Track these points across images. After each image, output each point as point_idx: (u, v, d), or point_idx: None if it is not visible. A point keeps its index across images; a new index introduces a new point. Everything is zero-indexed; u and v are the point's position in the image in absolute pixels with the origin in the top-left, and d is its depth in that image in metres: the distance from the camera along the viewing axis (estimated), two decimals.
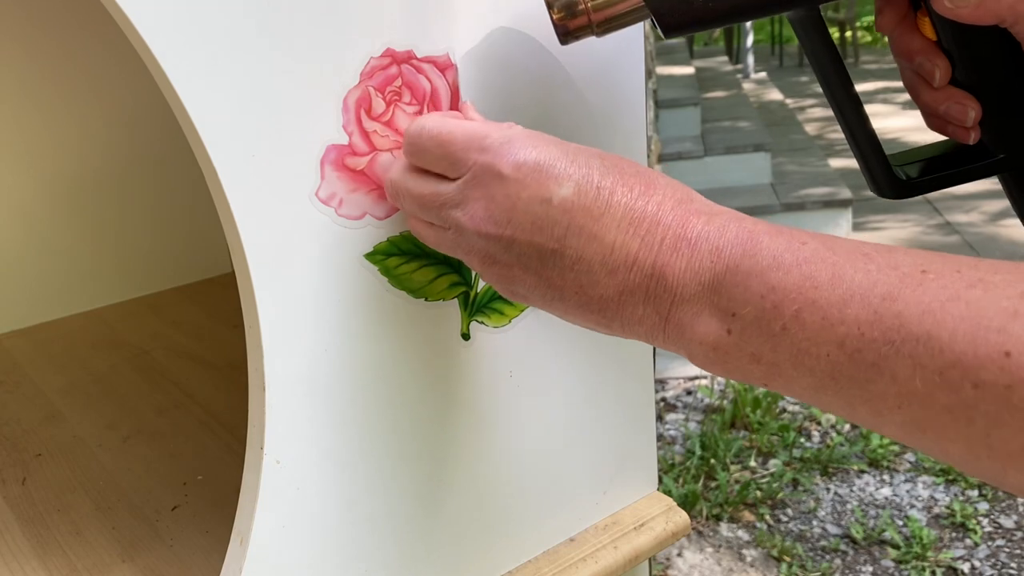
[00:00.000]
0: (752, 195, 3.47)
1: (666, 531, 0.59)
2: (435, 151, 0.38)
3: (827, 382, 0.30)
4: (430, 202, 0.39)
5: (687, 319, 0.33)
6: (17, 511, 0.60)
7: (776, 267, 0.31)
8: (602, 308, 0.36)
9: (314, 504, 0.44)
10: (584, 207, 0.35)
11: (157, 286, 1.02)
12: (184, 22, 0.35)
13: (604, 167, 0.36)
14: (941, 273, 0.28)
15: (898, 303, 0.28)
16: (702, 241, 0.33)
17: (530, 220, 0.35)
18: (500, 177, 0.36)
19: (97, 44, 0.91)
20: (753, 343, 0.31)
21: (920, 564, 1.59)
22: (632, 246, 0.34)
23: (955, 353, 0.26)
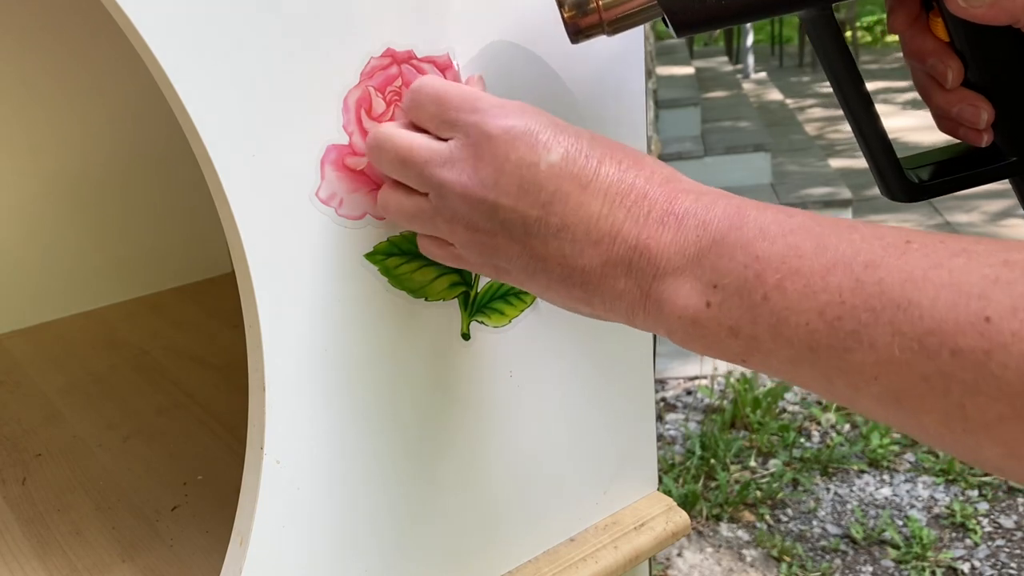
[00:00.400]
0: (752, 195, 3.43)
1: (666, 531, 0.59)
2: (429, 107, 0.38)
3: (805, 353, 0.29)
4: (416, 156, 0.38)
5: (668, 292, 0.33)
6: (17, 511, 0.60)
7: (762, 237, 0.31)
8: (584, 280, 0.35)
9: (314, 504, 0.44)
10: (572, 174, 0.34)
11: (157, 286, 1.02)
12: (184, 22, 0.35)
13: (593, 140, 0.36)
14: (925, 244, 0.28)
15: (880, 270, 0.28)
16: (689, 216, 0.33)
17: (516, 184, 0.35)
18: (489, 138, 0.35)
19: (97, 44, 0.91)
20: (733, 315, 0.31)
21: (920, 564, 1.59)
22: (618, 216, 0.34)
23: (935, 320, 0.26)
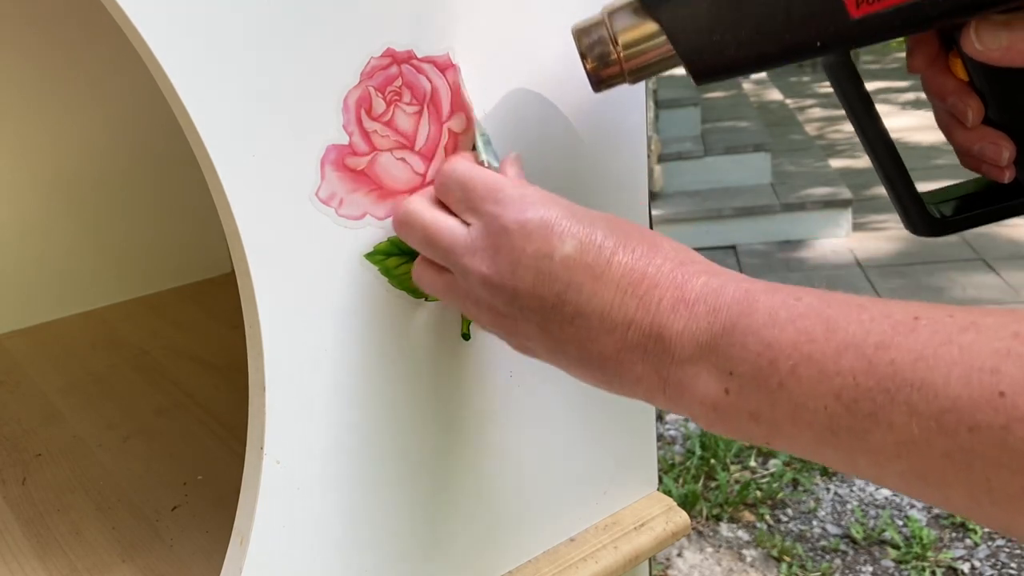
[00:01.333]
0: (752, 195, 3.47)
1: (666, 531, 0.59)
2: (456, 192, 0.40)
3: (826, 436, 0.30)
4: (440, 241, 0.39)
5: (687, 379, 0.34)
6: (17, 511, 0.60)
7: (772, 324, 0.31)
8: (601, 365, 0.36)
9: (314, 504, 0.44)
10: (585, 264, 0.35)
11: (157, 286, 1.02)
12: (184, 22, 0.35)
13: (609, 228, 0.36)
14: (933, 319, 0.28)
15: (891, 350, 0.28)
16: (700, 303, 0.34)
17: (532, 274, 0.36)
18: (506, 231, 0.37)
19: (97, 44, 0.91)
20: (751, 401, 0.31)
21: (920, 564, 1.59)
22: (630, 306, 0.35)
23: (950, 398, 0.26)
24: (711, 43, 0.38)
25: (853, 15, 0.36)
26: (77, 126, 0.93)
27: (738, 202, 3.38)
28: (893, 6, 0.35)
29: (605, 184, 0.52)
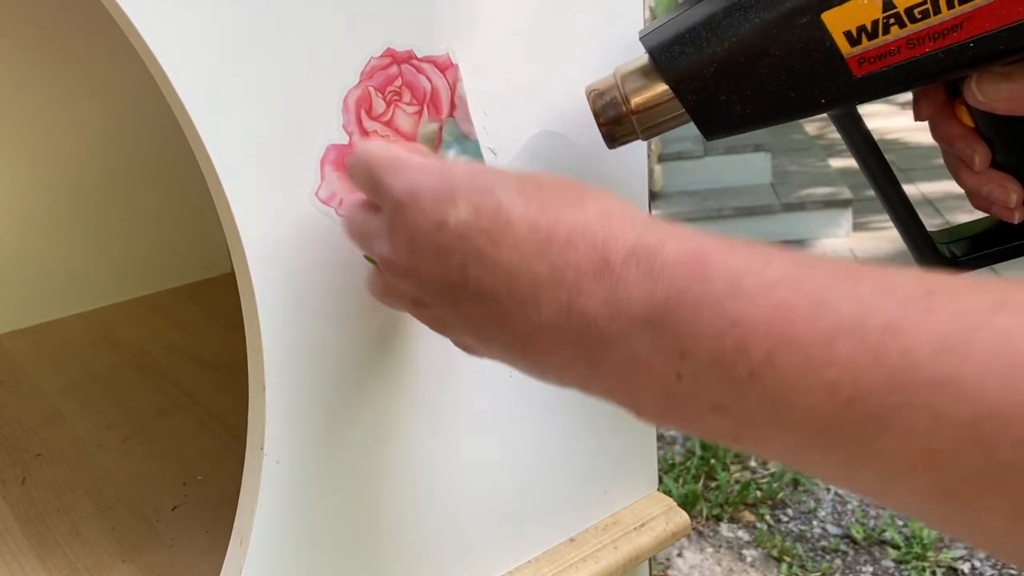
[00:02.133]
0: (752, 195, 3.47)
1: (666, 531, 0.59)
2: (362, 173, 0.35)
3: (815, 438, 0.23)
4: (352, 233, 0.37)
5: (623, 361, 0.27)
6: (17, 511, 0.60)
7: (735, 295, 0.25)
8: (523, 348, 0.31)
9: (314, 504, 0.44)
10: (482, 229, 0.30)
11: (157, 286, 1.02)
12: (184, 22, 0.35)
13: (520, 187, 0.30)
14: (952, 294, 0.22)
15: (903, 337, 0.22)
16: (631, 263, 0.27)
17: (431, 249, 0.31)
18: (400, 205, 0.32)
19: (96, 44, 0.91)
20: (713, 391, 0.25)
21: (920, 564, 1.59)
22: (540, 272, 0.29)
23: (988, 403, 0.20)
24: (719, 103, 0.39)
25: (856, 74, 0.37)
26: (77, 126, 0.93)
27: (738, 202, 3.37)
28: (895, 64, 0.36)
29: (605, 184, 0.52)
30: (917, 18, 0.34)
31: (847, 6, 0.35)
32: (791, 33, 0.36)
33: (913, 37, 0.35)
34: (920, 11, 0.34)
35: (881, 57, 0.36)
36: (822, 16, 0.36)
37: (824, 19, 0.36)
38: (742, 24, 0.37)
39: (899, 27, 0.35)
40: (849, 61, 0.36)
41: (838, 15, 0.35)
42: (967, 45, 0.34)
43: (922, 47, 0.35)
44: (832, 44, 0.36)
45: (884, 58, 0.36)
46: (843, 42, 0.36)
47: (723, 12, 0.38)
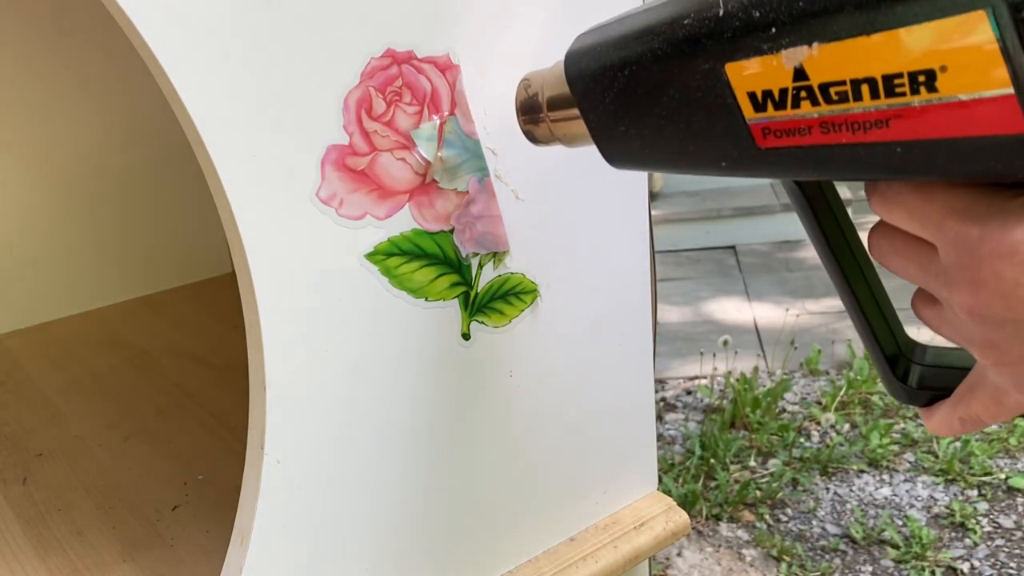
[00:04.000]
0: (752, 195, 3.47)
1: (666, 531, 0.59)
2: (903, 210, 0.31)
3: None
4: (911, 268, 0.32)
5: None
6: (17, 511, 0.61)
7: None
8: None
9: (314, 504, 0.44)
10: None
11: (157, 286, 1.02)
12: (185, 22, 0.35)
13: None
14: None
15: None
16: None
17: None
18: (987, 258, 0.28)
19: (97, 44, 0.91)
20: None
21: (920, 564, 1.59)
22: None
23: None
24: (618, 133, 0.35)
25: (760, 144, 0.30)
26: (78, 126, 0.93)
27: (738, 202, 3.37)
28: (806, 146, 0.29)
29: (605, 184, 0.52)
30: (833, 99, 0.27)
31: (753, 61, 0.28)
32: (691, 78, 0.30)
33: (828, 120, 0.28)
34: (837, 92, 0.27)
35: (790, 133, 0.29)
36: (726, 66, 0.29)
37: (728, 71, 0.29)
38: (646, 53, 0.32)
39: (811, 104, 0.28)
40: (752, 128, 0.30)
41: (743, 70, 0.29)
42: (893, 148, 0.27)
43: (839, 136, 0.28)
44: (734, 103, 0.30)
45: (793, 135, 0.29)
46: (747, 103, 0.29)
47: (636, 33, 0.32)
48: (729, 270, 2.98)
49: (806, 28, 0.27)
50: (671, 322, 2.60)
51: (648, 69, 0.32)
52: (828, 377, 2.21)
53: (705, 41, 0.30)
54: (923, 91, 0.25)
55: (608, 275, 0.54)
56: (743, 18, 0.28)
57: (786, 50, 0.27)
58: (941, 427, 0.36)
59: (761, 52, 0.28)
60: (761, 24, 0.28)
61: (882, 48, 0.25)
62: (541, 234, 0.49)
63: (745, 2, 0.28)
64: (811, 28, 0.26)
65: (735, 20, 0.28)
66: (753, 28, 0.28)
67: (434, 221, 0.45)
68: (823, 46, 0.26)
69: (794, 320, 2.45)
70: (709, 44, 0.29)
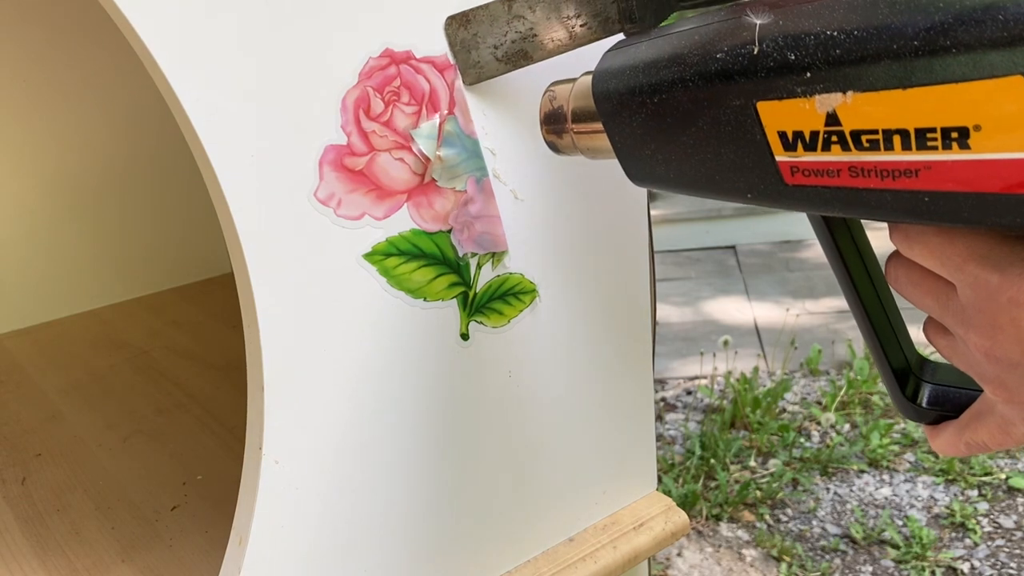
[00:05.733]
0: None
1: (665, 531, 0.59)
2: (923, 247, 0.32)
3: None
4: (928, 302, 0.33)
5: None
6: (17, 511, 0.61)
7: None
8: None
9: (314, 504, 0.44)
10: None
11: (157, 286, 1.02)
12: (182, 22, 0.35)
13: None
14: None
15: None
16: None
17: None
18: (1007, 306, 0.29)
19: (96, 45, 0.91)
20: None
21: (920, 564, 1.59)
22: None
23: None
24: (644, 156, 0.35)
25: (787, 182, 0.30)
26: (78, 127, 0.93)
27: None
28: (833, 187, 0.29)
29: (604, 184, 0.52)
30: (864, 146, 0.27)
31: (786, 103, 0.28)
32: (721, 112, 0.30)
33: (858, 166, 0.28)
34: (868, 140, 0.27)
35: (818, 174, 0.29)
36: (757, 104, 0.29)
37: (759, 108, 0.29)
38: (677, 82, 0.32)
39: (842, 148, 0.28)
40: (781, 166, 0.30)
41: (775, 110, 0.29)
42: (921, 197, 0.27)
43: (867, 181, 0.28)
44: (763, 140, 0.30)
45: (822, 176, 0.29)
46: (776, 142, 0.29)
47: (666, 60, 0.32)
48: (729, 270, 2.98)
49: (841, 76, 0.27)
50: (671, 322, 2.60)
51: (678, 98, 0.32)
52: (828, 377, 2.21)
53: (738, 78, 0.29)
54: (955, 147, 0.25)
55: (608, 275, 0.54)
56: (778, 59, 0.28)
57: (820, 95, 0.27)
58: (947, 448, 0.37)
59: (794, 95, 0.28)
60: (796, 67, 0.28)
61: (917, 102, 0.25)
62: (540, 234, 0.49)
63: (781, 43, 0.28)
64: (846, 76, 0.26)
65: (770, 60, 0.28)
66: (788, 70, 0.28)
67: (432, 221, 0.45)
68: (857, 95, 0.26)
69: (794, 320, 2.44)
70: (742, 81, 0.29)
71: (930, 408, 0.38)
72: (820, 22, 0.27)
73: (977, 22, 0.23)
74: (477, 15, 0.42)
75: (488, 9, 0.42)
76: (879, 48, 0.25)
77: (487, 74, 0.44)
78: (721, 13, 0.31)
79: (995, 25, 0.23)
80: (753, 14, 0.29)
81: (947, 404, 0.38)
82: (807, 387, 2.19)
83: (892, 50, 0.25)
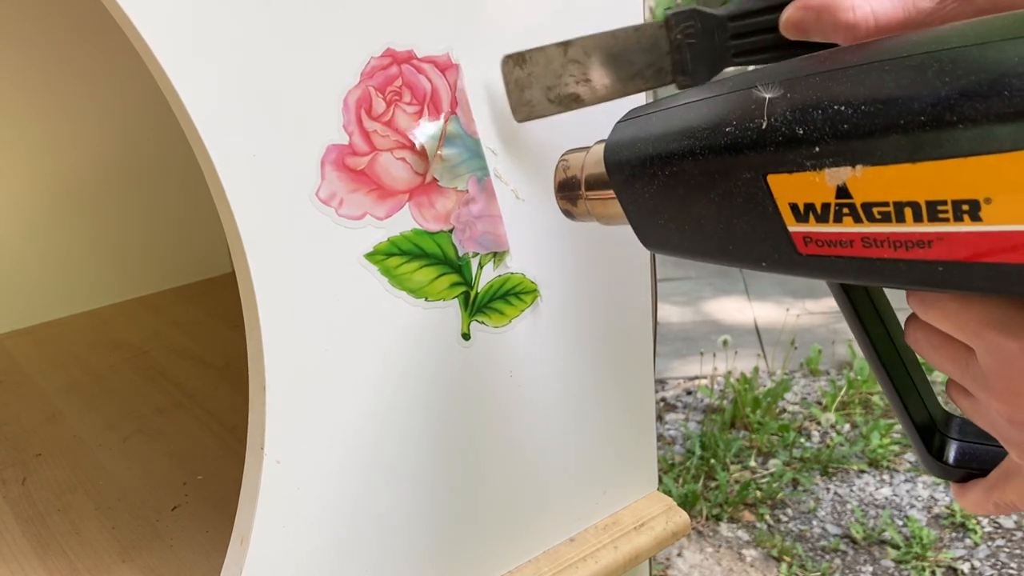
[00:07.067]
0: None
1: (666, 531, 0.59)
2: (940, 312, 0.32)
3: None
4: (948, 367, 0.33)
5: None
6: (17, 511, 0.60)
7: None
8: None
9: (314, 504, 0.44)
10: None
11: (157, 286, 1.02)
12: (185, 22, 0.35)
13: None
14: None
15: None
16: None
17: None
18: None
19: (96, 44, 0.91)
20: None
21: (920, 564, 1.59)
22: None
23: None
24: (658, 226, 0.35)
25: (801, 251, 0.30)
26: (77, 127, 0.93)
27: None
28: (847, 257, 0.29)
29: None
30: (876, 218, 0.27)
31: (796, 176, 0.28)
32: (733, 184, 0.30)
33: (870, 236, 0.28)
34: (880, 212, 0.27)
35: (831, 244, 0.29)
36: (768, 177, 0.29)
37: (769, 181, 0.29)
38: (687, 155, 0.32)
39: (854, 220, 0.28)
40: (794, 236, 0.30)
41: (785, 182, 0.29)
42: (935, 267, 0.27)
43: (881, 251, 0.28)
44: (775, 212, 0.30)
45: (835, 247, 0.29)
46: (788, 214, 0.29)
47: (677, 133, 0.32)
48: (730, 270, 2.98)
49: (850, 149, 0.26)
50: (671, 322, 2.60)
51: (689, 171, 0.32)
52: (828, 377, 2.21)
53: (747, 151, 0.29)
54: (967, 219, 0.25)
55: (608, 275, 0.54)
56: (786, 133, 0.28)
57: (829, 169, 0.27)
58: (976, 507, 0.36)
59: (804, 168, 0.28)
60: (805, 141, 0.27)
61: (926, 176, 0.25)
62: (541, 234, 0.49)
63: (789, 117, 0.28)
64: (855, 150, 0.26)
65: (778, 135, 0.28)
66: (796, 144, 0.28)
67: (434, 221, 0.44)
68: (867, 168, 0.26)
69: (795, 320, 2.44)
70: (751, 155, 0.29)
71: (957, 466, 0.37)
72: (828, 95, 0.27)
73: (982, 97, 0.23)
74: (534, 56, 0.43)
75: (545, 52, 0.43)
76: (886, 122, 0.25)
77: (537, 113, 0.44)
78: (730, 83, 0.31)
79: (1000, 100, 0.23)
80: (762, 87, 0.29)
81: (974, 462, 0.37)
82: (807, 387, 2.19)
83: (899, 124, 0.25)
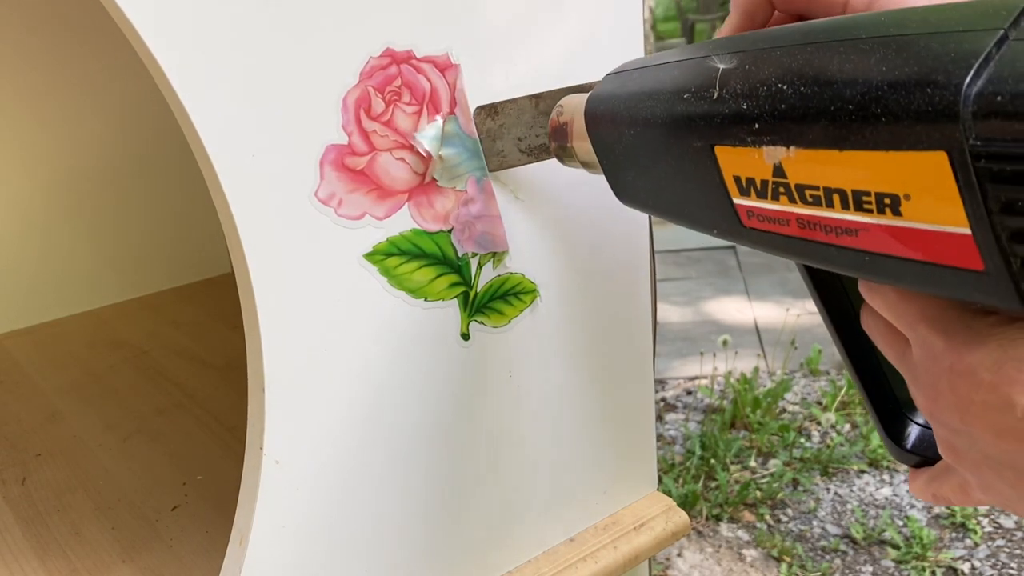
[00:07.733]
0: None
1: (666, 531, 0.59)
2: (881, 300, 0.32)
3: None
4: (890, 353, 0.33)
5: None
6: (17, 511, 0.60)
7: None
8: None
9: (314, 504, 0.44)
10: None
11: (156, 286, 1.02)
12: (184, 22, 0.35)
13: None
14: None
15: None
16: None
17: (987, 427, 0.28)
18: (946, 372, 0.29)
19: (95, 44, 0.91)
20: None
21: (920, 564, 1.59)
22: None
23: None
24: (627, 180, 0.36)
25: (744, 224, 0.31)
26: (77, 127, 0.93)
27: None
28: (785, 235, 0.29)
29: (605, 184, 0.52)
30: (808, 200, 0.28)
31: (739, 151, 0.29)
32: (685, 152, 0.31)
33: (804, 218, 0.28)
34: (812, 195, 0.27)
35: (771, 221, 0.30)
36: (716, 148, 0.30)
37: (717, 152, 0.30)
38: (649, 119, 0.33)
39: (789, 200, 0.28)
40: (738, 208, 0.31)
41: (730, 155, 0.29)
42: (862, 256, 0.27)
43: (814, 234, 0.28)
44: (722, 182, 0.30)
45: (774, 223, 0.29)
46: (732, 186, 0.30)
47: (645, 94, 0.33)
48: (730, 270, 2.98)
49: (785, 130, 0.27)
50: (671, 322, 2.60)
51: (650, 135, 0.33)
52: (828, 377, 2.21)
53: (699, 121, 0.30)
54: (888, 212, 0.25)
55: (608, 275, 0.54)
56: (732, 107, 0.29)
57: (767, 147, 0.28)
58: (920, 493, 0.37)
59: (745, 143, 0.29)
60: (747, 117, 0.28)
61: (851, 165, 0.26)
62: (541, 234, 0.49)
63: (738, 91, 0.29)
64: (789, 131, 0.27)
65: (725, 107, 0.29)
66: (740, 119, 0.28)
67: (433, 221, 0.44)
68: (799, 151, 0.27)
69: (795, 320, 2.44)
70: (702, 124, 0.30)
71: (912, 452, 0.38)
72: (777, 72, 0.27)
73: (908, 92, 0.23)
74: (505, 108, 0.44)
75: (516, 103, 0.44)
76: (818, 107, 0.25)
77: (509, 163, 0.46)
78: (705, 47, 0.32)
79: (923, 98, 0.22)
80: (718, 57, 0.30)
81: (930, 449, 0.37)
82: (807, 387, 2.19)
83: (829, 111, 0.25)
